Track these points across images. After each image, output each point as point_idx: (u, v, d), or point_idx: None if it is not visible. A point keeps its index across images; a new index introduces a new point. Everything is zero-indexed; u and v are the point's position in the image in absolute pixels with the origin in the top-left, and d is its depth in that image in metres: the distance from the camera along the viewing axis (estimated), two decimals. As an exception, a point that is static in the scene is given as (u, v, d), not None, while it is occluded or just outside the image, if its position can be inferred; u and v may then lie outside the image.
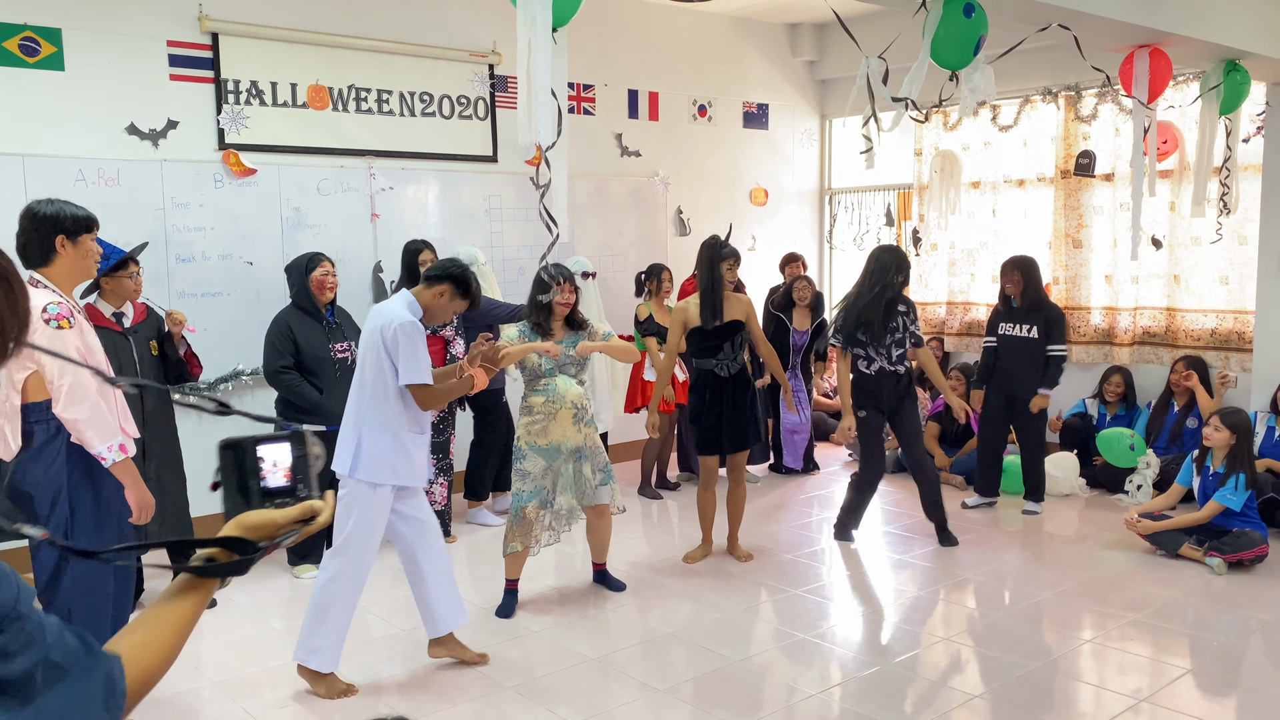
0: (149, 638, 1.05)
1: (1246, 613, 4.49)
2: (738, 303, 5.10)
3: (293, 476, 1.25)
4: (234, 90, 5.62)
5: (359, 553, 3.69)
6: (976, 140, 7.70)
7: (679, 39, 7.74)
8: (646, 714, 3.57)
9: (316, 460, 1.28)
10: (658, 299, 6.45)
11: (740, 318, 5.07)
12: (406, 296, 3.72)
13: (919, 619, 4.51)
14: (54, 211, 3.22)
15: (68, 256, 3.23)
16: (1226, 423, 5.14)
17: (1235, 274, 6.57)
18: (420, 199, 6.38)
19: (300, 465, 1.26)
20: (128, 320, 4.45)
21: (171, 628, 1.08)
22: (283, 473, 1.25)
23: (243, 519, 1.19)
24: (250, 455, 1.24)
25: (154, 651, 1.04)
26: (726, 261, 5.00)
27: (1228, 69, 5.38)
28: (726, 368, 5.07)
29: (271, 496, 1.24)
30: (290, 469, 1.25)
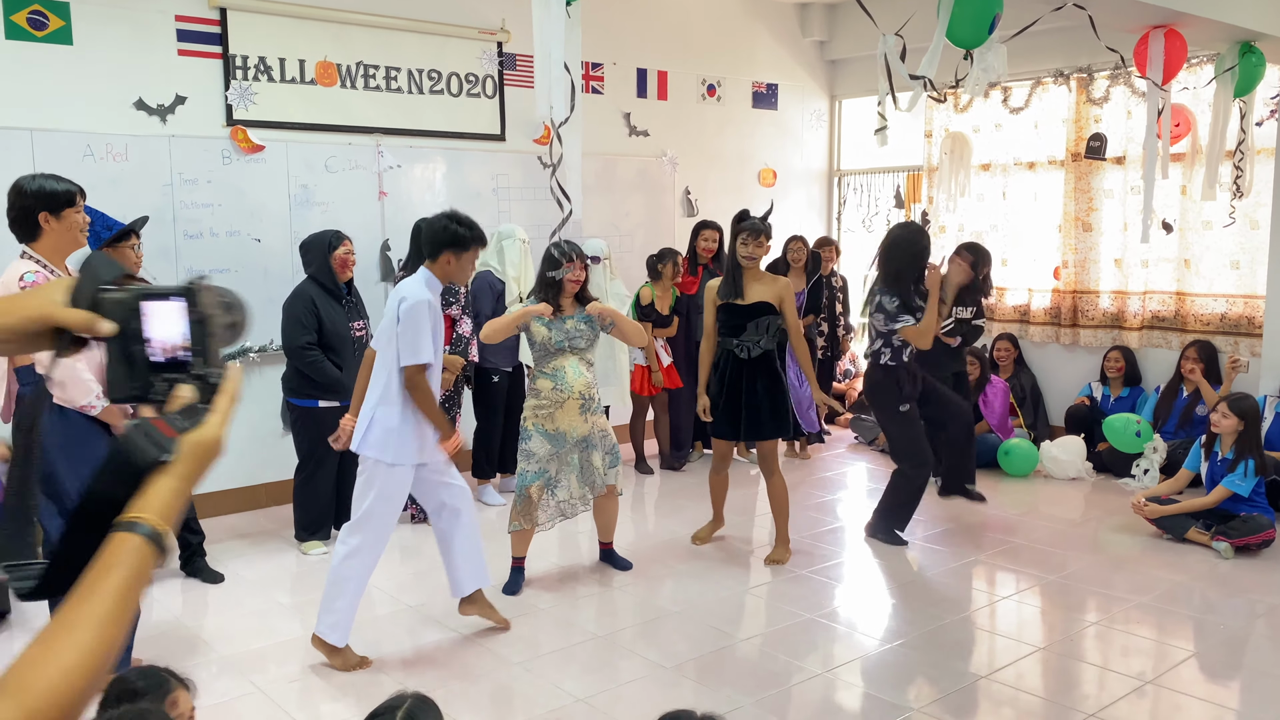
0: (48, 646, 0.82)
1: (1252, 597, 4.49)
2: (770, 284, 4.81)
3: (188, 348, 0.97)
4: (242, 66, 5.60)
5: (378, 528, 3.75)
6: (987, 122, 7.65)
7: (688, 18, 7.68)
8: (652, 691, 3.59)
9: (224, 329, 0.99)
10: (664, 284, 6.44)
11: (771, 300, 4.77)
12: (424, 273, 3.77)
13: (924, 600, 4.52)
14: (36, 188, 3.30)
15: (53, 231, 3.32)
16: (1234, 409, 5.12)
17: (1246, 258, 6.53)
18: (428, 177, 6.37)
19: (198, 332, 0.97)
20: None
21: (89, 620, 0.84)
22: (176, 341, 0.97)
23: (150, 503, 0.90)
24: (135, 314, 0.96)
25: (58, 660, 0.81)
26: (740, 235, 4.77)
27: (1243, 51, 5.34)
28: (747, 350, 4.80)
29: (159, 371, 0.97)
30: (186, 336, 0.97)
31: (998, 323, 7.68)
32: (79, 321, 0.95)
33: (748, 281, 4.79)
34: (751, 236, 4.77)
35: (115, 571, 0.86)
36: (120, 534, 0.88)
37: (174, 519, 0.91)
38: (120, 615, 0.85)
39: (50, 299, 0.95)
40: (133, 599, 0.87)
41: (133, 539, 0.87)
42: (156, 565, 0.89)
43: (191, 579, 4.72)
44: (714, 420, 4.93)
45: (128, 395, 0.99)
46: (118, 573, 0.86)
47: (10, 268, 3.30)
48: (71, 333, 0.96)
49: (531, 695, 3.57)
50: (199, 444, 0.93)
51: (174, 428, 0.93)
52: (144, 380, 0.97)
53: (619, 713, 3.42)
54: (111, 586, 0.85)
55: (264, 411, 5.60)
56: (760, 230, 4.78)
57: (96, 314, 0.95)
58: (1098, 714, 3.40)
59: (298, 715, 3.44)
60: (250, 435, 5.68)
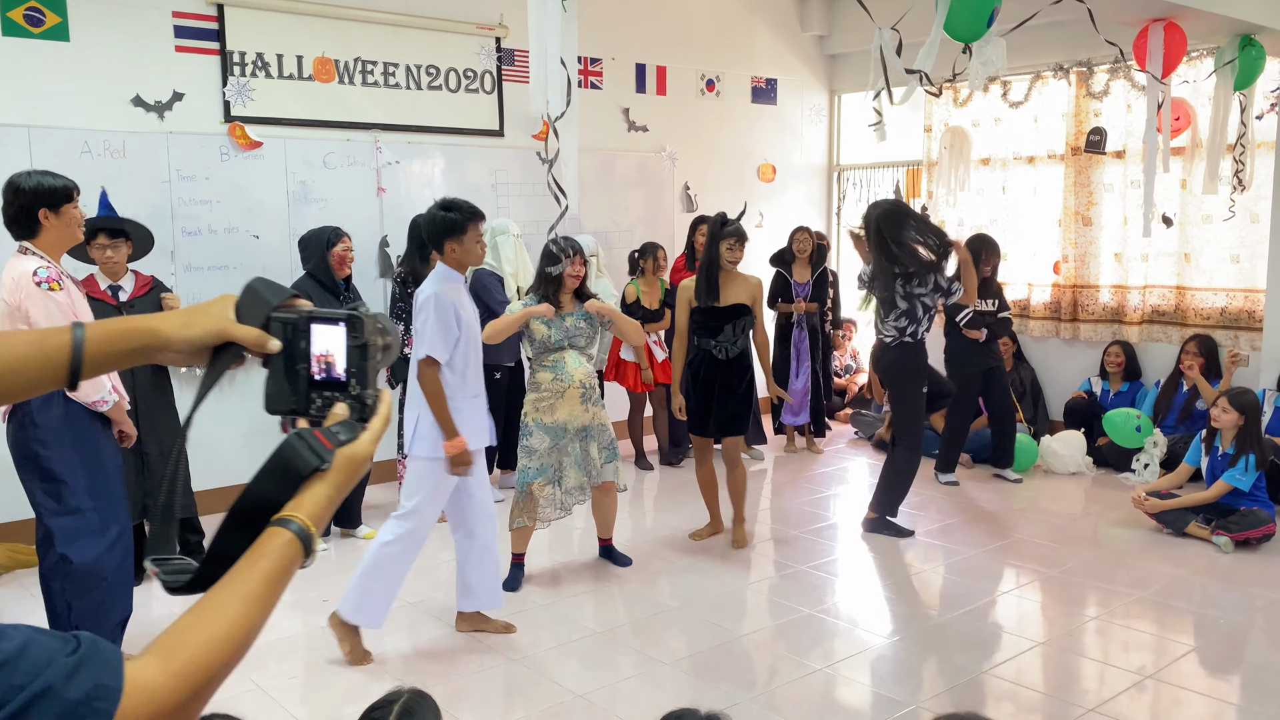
0: (198, 617, 0.90)
1: (1252, 591, 4.49)
2: (744, 284, 4.95)
3: (346, 368, 1.04)
4: (240, 62, 5.58)
5: (422, 521, 3.81)
6: (987, 116, 7.64)
7: (687, 12, 7.67)
8: (651, 687, 3.58)
9: (381, 351, 1.06)
10: (649, 279, 6.44)
11: (745, 301, 4.92)
12: (440, 268, 3.81)
13: (923, 595, 4.51)
14: (34, 185, 3.30)
15: (52, 227, 3.33)
16: (1235, 404, 5.11)
17: (1246, 252, 6.52)
18: (426, 173, 6.36)
19: (356, 356, 1.04)
20: (125, 294, 4.41)
21: (236, 598, 0.91)
22: (335, 362, 1.04)
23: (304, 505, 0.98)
24: (303, 334, 1.03)
25: (204, 630, 0.88)
26: (727, 241, 4.85)
27: (1243, 44, 5.32)
28: (725, 350, 4.92)
29: (319, 388, 1.04)
30: (344, 358, 1.04)
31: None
32: (253, 339, 1.03)
33: (727, 282, 4.90)
34: (738, 242, 4.89)
35: (265, 560, 0.93)
36: (274, 529, 0.95)
37: (323, 523, 0.99)
38: (264, 599, 0.92)
39: (225, 315, 1.03)
40: (277, 587, 0.94)
41: (285, 534, 0.95)
42: (302, 564, 0.97)
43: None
44: (690, 419, 5.04)
45: (286, 409, 1.06)
46: (267, 561, 0.93)
47: (14, 264, 3.29)
48: (239, 348, 1.04)
49: (531, 691, 3.56)
50: (352, 457, 1.01)
51: (331, 440, 1.00)
52: (304, 396, 1.05)
53: (618, 709, 3.42)
54: (260, 572, 0.92)
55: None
56: (745, 235, 4.93)
57: (266, 333, 1.03)
58: (1098, 709, 3.40)
59: (298, 712, 3.44)
60: (251, 432, 5.67)
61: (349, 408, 1.04)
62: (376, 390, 1.06)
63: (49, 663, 0.77)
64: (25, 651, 0.76)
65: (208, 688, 0.88)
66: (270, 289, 1.05)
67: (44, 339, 0.99)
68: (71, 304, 3.29)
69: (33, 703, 0.75)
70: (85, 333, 1.00)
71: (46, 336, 0.99)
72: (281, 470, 0.98)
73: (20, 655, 0.76)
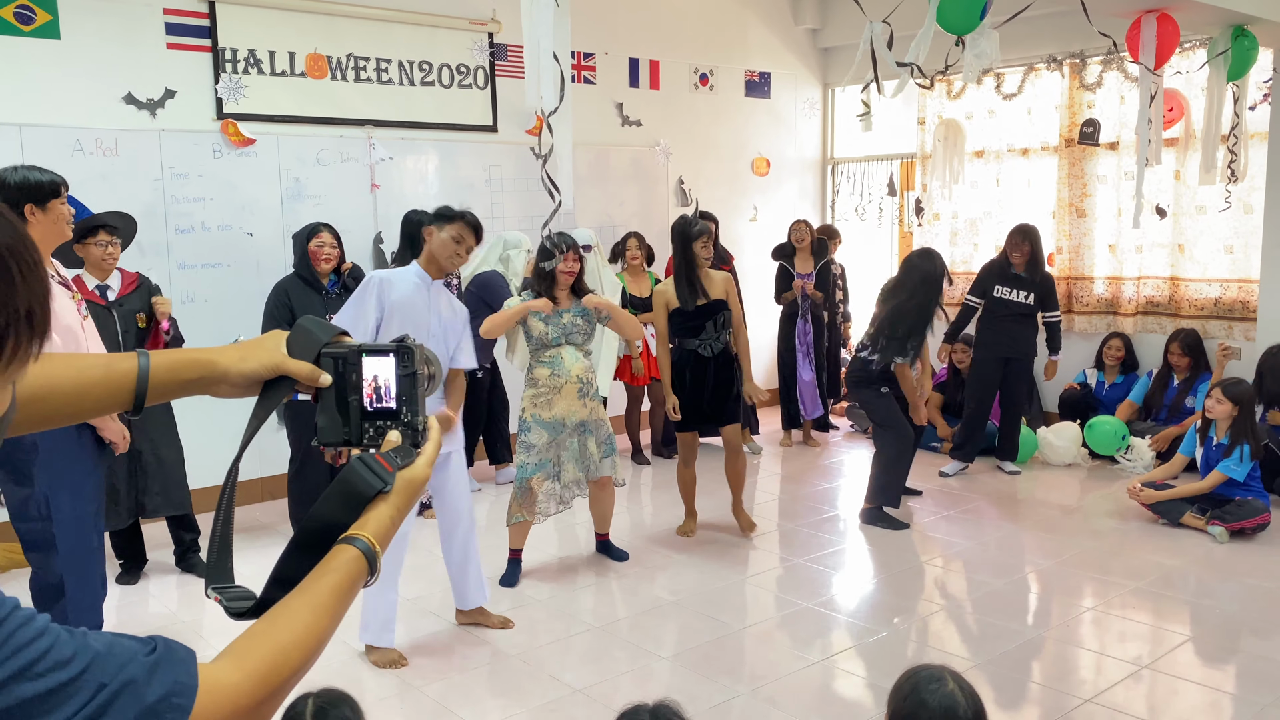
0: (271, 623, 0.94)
1: (1248, 580, 4.50)
2: (718, 280, 5.02)
3: (397, 397, 1.10)
4: (232, 59, 5.57)
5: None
6: (980, 109, 7.64)
7: (680, 6, 7.65)
8: (650, 681, 3.59)
9: (428, 380, 1.13)
10: (633, 269, 6.45)
11: (722, 296, 4.99)
12: (414, 267, 3.75)
13: (920, 587, 4.52)
14: (19, 179, 3.23)
15: (40, 223, 3.24)
16: (1229, 394, 5.13)
17: (1240, 243, 6.53)
18: (420, 169, 6.34)
19: (406, 385, 1.09)
20: (112, 293, 4.36)
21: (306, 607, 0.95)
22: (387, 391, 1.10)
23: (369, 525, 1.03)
24: (354, 367, 1.10)
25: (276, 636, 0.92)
26: (699, 240, 4.91)
27: (1235, 34, 5.33)
28: (710, 347, 4.97)
29: (372, 418, 1.10)
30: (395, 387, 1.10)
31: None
32: (306, 373, 1.09)
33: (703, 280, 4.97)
34: (709, 239, 4.99)
35: (334, 574, 0.98)
36: (342, 545, 1.00)
37: (386, 542, 1.04)
38: (333, 610, 0.97)
39: (279, 350, 1.09)
40: (345, 599, 0.99)
41: (351, 550, 1.00)
42: (366, 581, 1.01)
43: (187, 574, 4.72)
44: (683, 417, 5.04)
45: (340, 440, 1.12)
46: (335, 575, 0.98)
47: None
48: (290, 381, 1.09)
49: (529, 687, 3.56)
50: (411, 480, 1.07)
51: (391, 464, 1.06)
52: (357, 426, 1.10)
53: (617, 703, 3.42)
54: (329, 584, 0.97)
55: (258, 406, 5.58)
56: (709, 231, 5.01)
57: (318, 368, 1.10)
58: (1095, 699, 3.41)
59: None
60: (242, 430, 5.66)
61: (402, 434, 1.09)
62: (426, 417, 1.12)
63: (130, 660, 0.80)
64: (111, 650, 0.80)
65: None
66: (320, 327, 1.11)
67: (111, 364, 1.04)
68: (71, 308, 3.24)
69: (116, 698, 0.78)
70: (150, 360, 1.05)
71: (114, 362, 1.05)
72: (347, 494, 1.03)
73: (108, 653, 0.79)
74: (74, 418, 1.06)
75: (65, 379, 1.02)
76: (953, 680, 1.74)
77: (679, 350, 5.04)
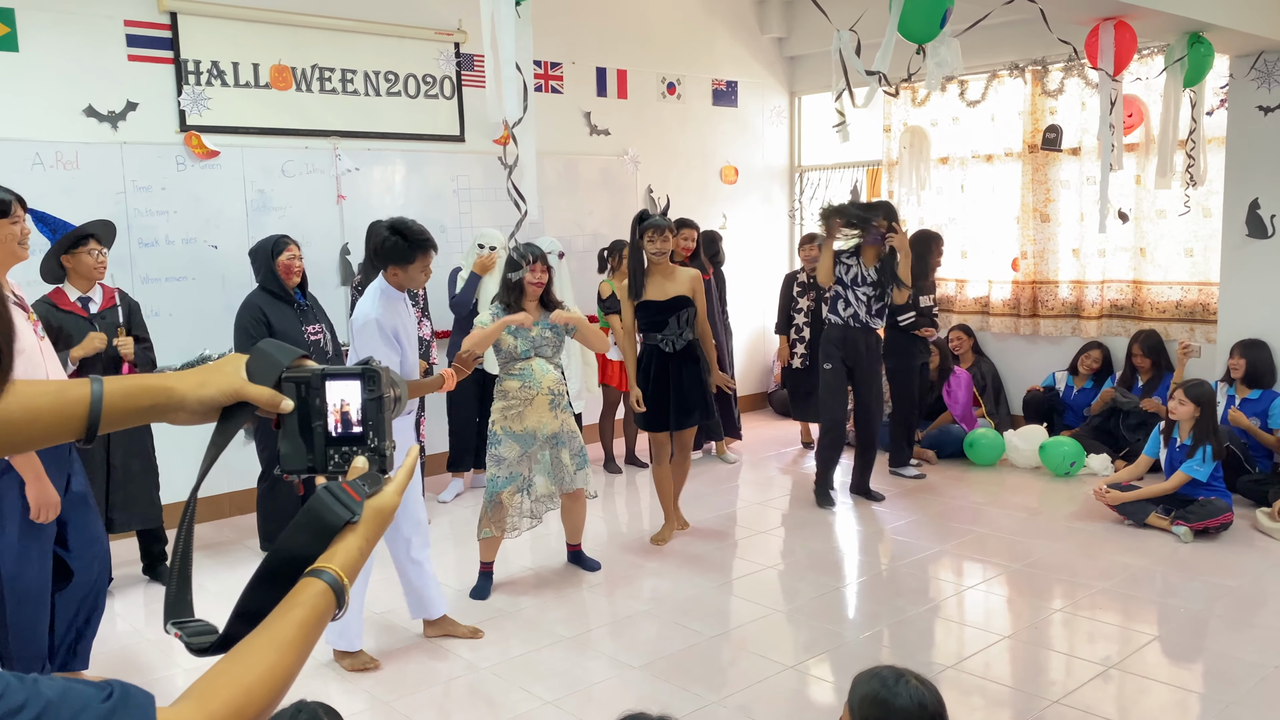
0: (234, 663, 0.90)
1: (1212, 579, 4.56)
2: (683, 278, 5.04)
3: (362, 422, 1.05)
4: (194, 71, 5.52)
5: None
6: (944, 116, 7.71)
7: (647, 16, 7.68)
8: (622, 691, 3.58)
9: (393, 403, 1.08)
10: (620, 274, 6.44)
11: (686, 293, 5.00)
12: (380, 283, 3.75)
13: (891, 592, 4.55)
14: None
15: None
16: (1191, 395, 5.20)
17: (1200, 246, 6.64)
18: (387, 179, 6.31)
19: (373, 409, 1.05)
20: (94, 306, 4.35)
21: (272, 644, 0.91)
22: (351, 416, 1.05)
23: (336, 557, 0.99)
24: (318, 392, 1.05)
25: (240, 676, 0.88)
26: (647, 233, 4.95)
27: (1191, 41, 5.41)
28: (672, 343, 5.01)
29: (338, 444, 1.06)
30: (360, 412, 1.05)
31: (956, 314, 7.76)
32: (267, 398, 1.04)
33: (661, 278, 5.02)
34: (657, 233, 4.97)
35: (300, 609, 0.95)
36: (309, 579, 0.97)
37: (354, 574, 1.00)
38: (299, 646, 0.93)
39: (239, 375, 1.05)
40: (311, 635, 0.95)
41: (319, 584, 0.96)
42: (334, 615, 0.98)
43: (154, 583, 4.71)
44: (647, 414, 5.09)
45: (303, 467, 1.07)
46: (301, 610, 0.95)
47: None
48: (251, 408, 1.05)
49: (501, 700, 3.55)
50: (380, 509, 1.03)
51: (359, 493, 1.02)
52: (321, 453, 1.06)
53: (589, 715, 3.41)
54: (294, 620, 0.94)
55: (225, 420, 5.52)
56: (664, 225, 4.99)
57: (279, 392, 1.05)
58: (1063, 700, 3.44)
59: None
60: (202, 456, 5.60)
61: (369, 460, 1.05)
62: (394, 442, 1.08)
63: (84, 708, 0.78)
64: (65, 697, 0.78)
65: None
66: (281, 350, 1.07)
67: (63, 390, 1.01)
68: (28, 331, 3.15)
69: None
70: (104, 387, 1.01)
71: (66, 388, 1.01)
72: (314, 525, 0.99)
73: (61, 700, 0.77)
74: (22, 446, 1.02)
75: (14, 406, 0.97)
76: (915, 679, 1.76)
77: (643, 345, 5.12)
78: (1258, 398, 5.90)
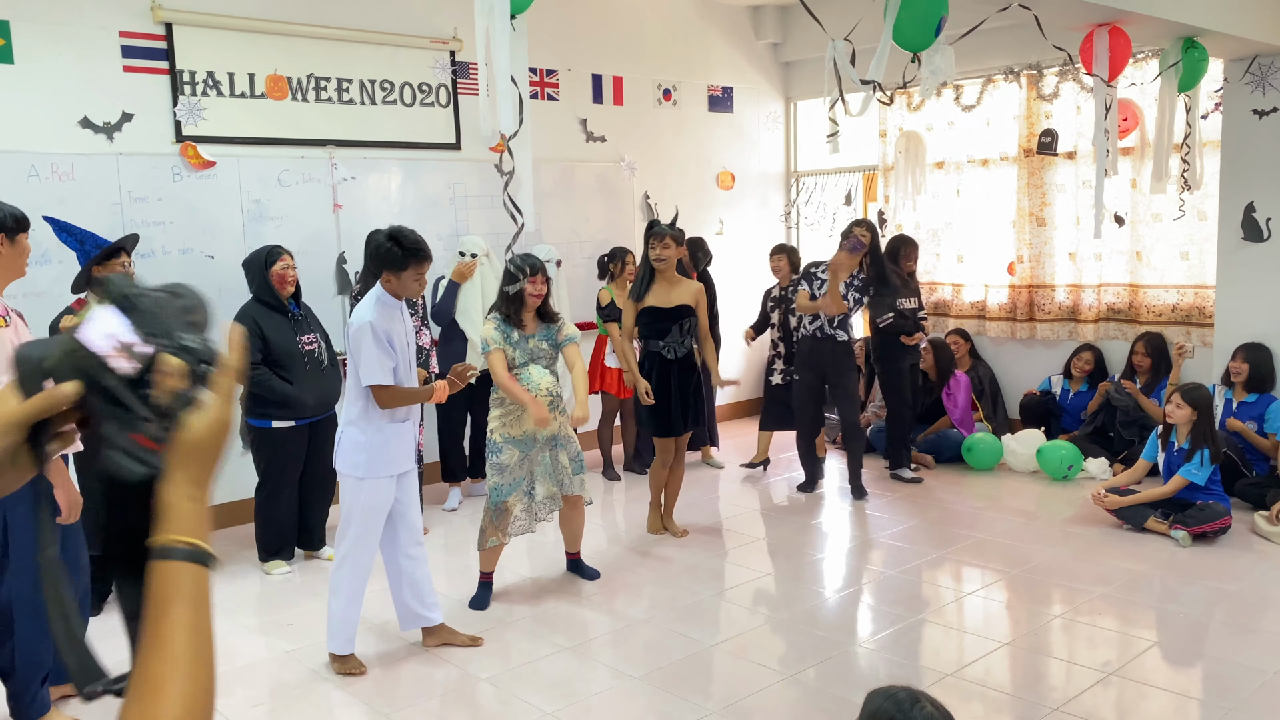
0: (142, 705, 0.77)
1: (1211, 583, 4.56)
2: (686, 288, 5.21)
3: (147, 336, 0.83)
4: (190, 81, 5.52)
5: (359, 539, 3.79)
6: (940, 121, 7.72)
7: (642, 22, 7.69)
8: (622, 701, 3.58)
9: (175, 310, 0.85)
10: (620, 282, 6.44)
11: (689, 302, 5.17)
12: (377, 290, 3.77)
13: (890, 599, 4.54)
14: None
15: (4, 256, 3.21)
16: (1188, 399, 5.20)
17: (1195, 249, 6.65)
18: (383, 188, 6.31)
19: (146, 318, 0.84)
20: None
21: (169, 667, 0.77)
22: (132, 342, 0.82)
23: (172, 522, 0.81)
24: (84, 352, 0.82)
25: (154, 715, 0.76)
26: (650, 240, 5.13)
27: (1186, 46, 5.43)
28: (674, 350, 5.17)
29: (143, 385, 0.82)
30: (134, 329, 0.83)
31: (953, 319, 7.76)
32: (42, 404, 0.83)
33: (666, 285, 5.17)
34: (657, 239, 5.11)
35: (172, 607, 0.79)
36: (158, 564, 0.80)
37: (204, 528, 0.82)
38: (199, 650, 0.79)
39: (7, 401, 0.83)
40: (204, 628, 0.80)
41: (172, 565, 0.80)
42: (209, 582, 0.81)
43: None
44: (655, 422, 5.23)
45: (156, 441, 0.83)
46: (175, 608, 0.79)
47: None
48: (49, 426, 0.84)
49: (500, 711, 3.54)
50: (194, 442, 0.82)
51: (153, 438, 0.82)
52: (139, 409, 0.82)
53: (589, 725, 3.41)
54: (176, 626, 0.78)
55: (222, 430, 5.51)
56: (665, 233, 5.12)
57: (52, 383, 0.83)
58: (1064, 707, 3.44)
59: (263, 740, 3.39)
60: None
61: (181, 367, 0.82)
62: (204, 340, 0.85)
63: None
64: None
65: None
66: (36, 347, 0.86)
67: None
68: (17, 338, 3.15)
69: None
70: None
71: None
72: (119, 495, 0.82)
73: None
74: None
75: None
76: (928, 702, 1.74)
77: (644, 351, 5.25)
78: (1254, 401, 5.90)
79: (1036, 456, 6.43)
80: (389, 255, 3.68)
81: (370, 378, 3.66)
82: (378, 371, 3.66)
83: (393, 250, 3.68)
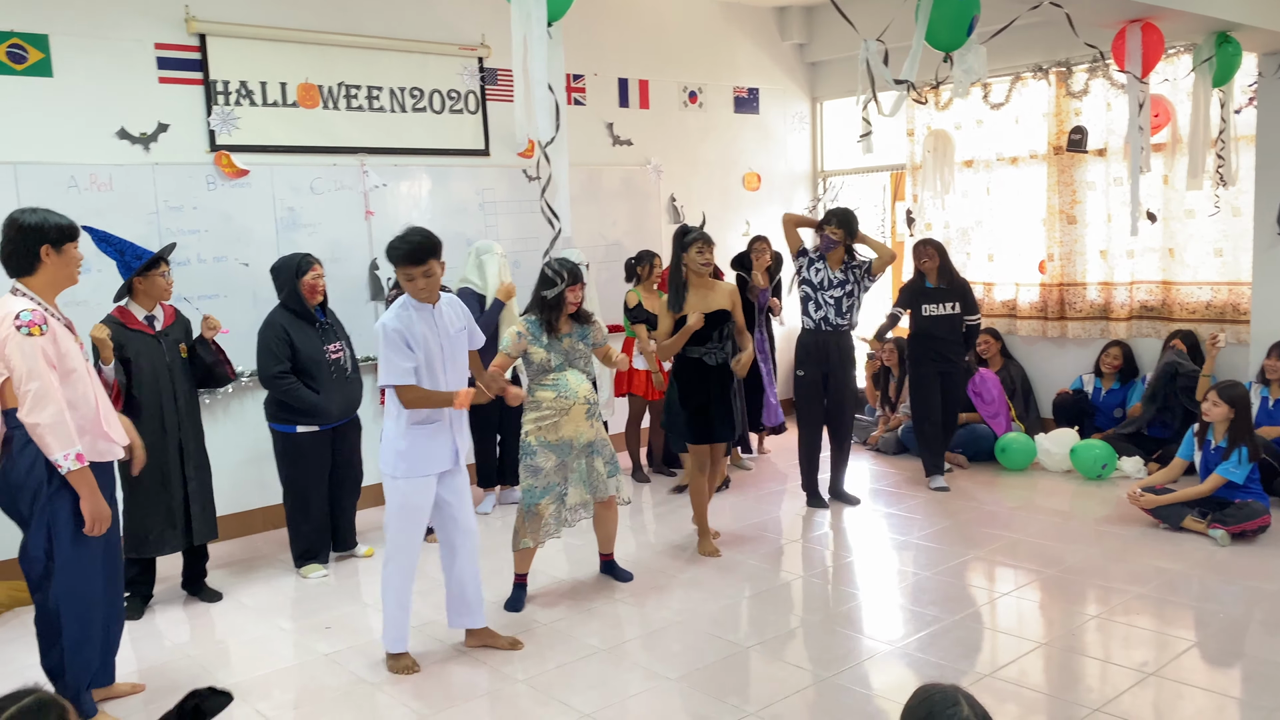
0: None
1: (1251, 583, 4.52)
2: (721, 292, 5.10)
3: None
4: (223, 91, 5.59)
5: (401, 538, 3.87)
6: (969, 119, 7.69)
7: (667, 25, 7.71)
8: (658, 703, 3.59)
9: None
10: (647, 285, 6.45)
11: (726, 306, 5.07)
12: (407, 300, 3.81)
13: (925, 599, 4.53)
14: (38, 221, 3.25)
15: (51, 265, 3.27)
16: (1224, 397, 5.15)
17: (1229, 245, 6.58)
18: (414, 194, 6.37)
19: None
20: (159, 323, 4.49)
21: None
22: None
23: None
24: None
25: None
26: (694, 245, 4.98)
27: (1219, 41, 5.38)
28: (715, 356, 5.06)
29: None
30: None
31: (984, 318, 7.71)
32: None
33: (702, 291, 5.06)
34: (706, 245, 5.03)
35: None
36: None
37: None
38: None
39: None
40: None
41: None
42: None
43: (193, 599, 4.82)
44: (693, 428, 5.12)
45: None
46: None
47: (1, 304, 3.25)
48: None
49: (536, 713, 3.56)
50: None
51: None
52: None
53: (626, 726, 3.42)
54: None
55: (256, 436, 5.58)
56: (711, 239, 5.08)
57: None
58: (1102, 708, 3.42)
59: (305, 742, 3.43)
60: (243, 460, 5.67)
61: None
62: None
63: None
64: None
65: None
66: None
67: None
68: (55, 347, 3.20)
69: None
70: None
71: None
72: None
73: None
74: None
75: None
76: (966, 704, 1.74)
77: (682, 358, 5.11)
78: (1291, 398, 5.83)
79: (1070, 456, 6.39)
80: (390, 252, 3.77)
81: (384, 378, 3.73)
82: (389, 372, 3.71)
83: (398, 247, 3.75)
